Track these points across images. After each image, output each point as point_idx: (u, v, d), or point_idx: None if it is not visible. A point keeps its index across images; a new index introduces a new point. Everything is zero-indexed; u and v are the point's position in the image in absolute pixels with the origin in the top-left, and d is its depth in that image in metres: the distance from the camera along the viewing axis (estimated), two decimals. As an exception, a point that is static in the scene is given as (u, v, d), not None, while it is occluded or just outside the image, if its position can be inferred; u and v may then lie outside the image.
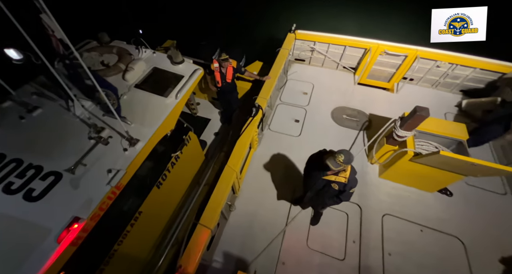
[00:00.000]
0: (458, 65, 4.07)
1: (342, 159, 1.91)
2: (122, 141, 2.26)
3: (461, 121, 3.71)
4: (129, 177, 2.13)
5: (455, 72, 4.20)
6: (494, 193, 3.21)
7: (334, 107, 4.35)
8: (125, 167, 2.09)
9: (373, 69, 4.61)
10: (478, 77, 4.14)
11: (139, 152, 2.21)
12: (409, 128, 3.00)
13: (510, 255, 2.71)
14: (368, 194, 3.24)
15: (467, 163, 2.52)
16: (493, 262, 2.68)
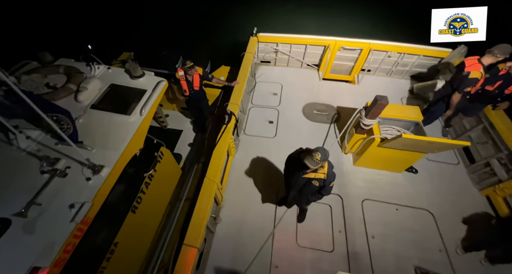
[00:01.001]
0: (405, 54, 4.51)
1: (319, 156, 1.96)
2: (84, 170, 2.04)
3: (415, 104, 4.12)
4: (97, 208, 1.93)
5: (403, 61, 4.65)
6: (449, 164, 3.62)
7: (304, 104, 4.50)
8: (90, 198, 1.89)
9: (334, 64, 4.89)
10: (422, 63, 4.64)
11: (106, 179, 2.02)
12: (373, 116, 3.22)
13: (469, 215, 3.08)
14: (346, 183, 3.40)
15: (425, 142, 2.79)
16: (457, 224, 3.02)
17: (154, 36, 7.93)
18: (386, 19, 8.76)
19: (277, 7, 9.49)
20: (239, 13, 8.99)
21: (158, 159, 2.87)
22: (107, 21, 8.69)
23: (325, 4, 9.65)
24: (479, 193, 3.29)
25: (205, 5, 9.59)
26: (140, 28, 8.43)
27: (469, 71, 3.01)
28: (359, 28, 7.98)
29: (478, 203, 3.20)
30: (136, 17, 9.00)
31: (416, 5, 9.23)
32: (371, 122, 3.25)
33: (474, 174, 3.45)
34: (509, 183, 2.96)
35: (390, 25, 8.33)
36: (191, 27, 8.44)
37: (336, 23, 8.71)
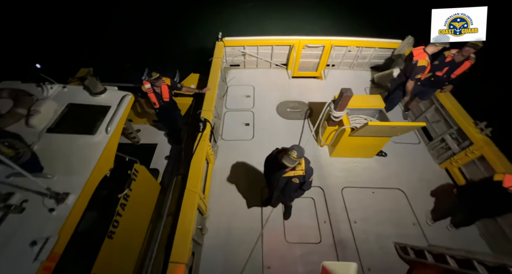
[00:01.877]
0: (363, 47, 4.86)
1: (295, 154, 2.00)
2: (45, 201, 1.86)
3: (376, 93, 4.45)
4: (65, 241, 1.77)
5: (362, 54, 5.00)
6: (412, 144, 3.98)
7: (277, 103, 4.61)
8: (56, 232, 1.73)
9: (301, 62, 5.08)
10: (379, 54, 5.03)
11: (72, 207, 1.86)
12: (341, 108, 3.41)
13: (434, 188, 3.42)
14: (325, 175, 3.56)
15: (389, 126, 3.04)
16: (425, 198, 3.33)
17: (115, 49, 7.52)
18: (345, 16, 9.34)
19: (240, 11, 9.58)
20: (203, 20, 8.92)
21: (132, 177, 2.73)
22: (58, 36, 8.02)
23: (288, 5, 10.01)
24: (439, 167, 3.67)
25: (166, 13, 9.36)
26: (99, 41, 7.93)
27: (417, 60, 3.38)
28: (321, 26, 8.43)
29: (439, 176, 3.57)
30: (92, 30, 8.43)
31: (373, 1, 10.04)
32: (340, 114, 3.44)
33: (433, 150, 3.84)
34: (461, 154, 3.34)
35: (349, 21, 8.92)
36: (155, 38, 8.14)
37: (299, 23, 9.08)
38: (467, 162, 3.28)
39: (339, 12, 9.58)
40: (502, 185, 2.25)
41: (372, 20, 8.59)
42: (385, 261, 2.75)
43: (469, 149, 3.23)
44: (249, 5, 9.70)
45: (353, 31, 5.29)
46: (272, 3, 9.94)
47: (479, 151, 3.11)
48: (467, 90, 3.88)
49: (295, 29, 7.07)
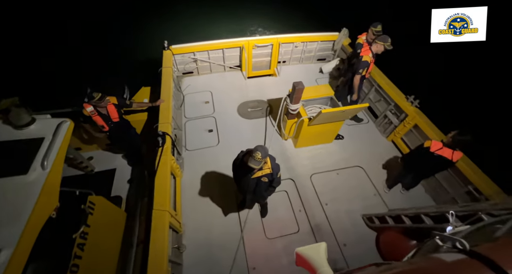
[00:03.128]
0: (307, 42, 5.21)
1: (260, 155, 2.03)
2: (-29, 263, 1.54)
3: (326, 82, 4.82)
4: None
5: (308, 48, 5.36)
6: (362, 123, 4.43)
7: (237, 105, 4.64)
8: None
9: (254, 62, 5.20)
10: (322, 47, 5.45)
11: (8, 263, 1.58)
12: (296, 101, 3.60)
13: (385, 160, 3.87)
14: (294, 166, 3.72)
15: (339, 111, 3.32)
16: (380, 170, 3.75)
17: (47, 71, 6.60)
18: (289, 14, 9.84)
19: (183, 18, 9.30)
20: (146, 31, 8.42)
21: (87, 211, 2.44)
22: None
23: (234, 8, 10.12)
24: (386, 140, 4.18)
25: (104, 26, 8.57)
26: (25, 63, 6.85)
27: (362, 55, 3.65)
28: (269, 25, 8.76)
29: (388, 148, 4.05)
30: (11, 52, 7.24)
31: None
32: (296, 107, 3.63)
33: (380, 126, 4.34)
34: (401, 126, 3.86)
35: (292, 18, 9.42)
36: (95, 54, 7.39)
37: (246, 24, 9.25)
38: (406, 131, 3.80)
39: (283, 11, 10.06)
40: (429, 150, 2.67)
41: (312, 16, 9.24)
42: (357, 234, 3.02)
43: (405, 120, 3.75)
44: (190, 12, 9.48)
45: (297, 28, 5.64)
46: (216, 8, 9.93)
47: (413, 121, 3.63)
48: (395, 68, 4.46)
49: (243, 31, 7.21)
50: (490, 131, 4.81)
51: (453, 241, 0.69)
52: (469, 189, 2.88)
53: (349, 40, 5.14)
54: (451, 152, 2.59)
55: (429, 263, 0.66)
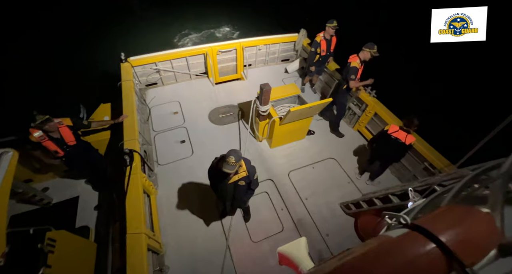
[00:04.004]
0: (270, 44, 5.37)
1: (234, 159, 2.01)
2: None
3: (292, 81, 5.00)
4: None
5: (271, 50, 5.52)
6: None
7: (208, 112, 4.57)
8: None
9: (220, 68, 5.18)
10: (285, 48, 5.66)
11: None
12: (265, 102, 3.66)
13: (354, 148, 4.14)
14: (271, 166, 3.78)
15: (307, 108, 3.46)
16: (351, 158, 3.99)
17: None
18: (250, 18, 10.06)
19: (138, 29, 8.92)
20: (100, 44, 7.88)
21: (46, 250, 2.16)
22: None
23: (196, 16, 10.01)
24: (353, 130, 4.48)
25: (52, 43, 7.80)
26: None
27: (350, 62, 3.68)
28: (231, 31, 8.84)
29: (355, 137, 4.35)
30: None
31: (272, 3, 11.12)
32: (266, 108, 3.70)
33: (346, 118, 4.64)
34: (363, 116, 4.18)
35: (254, 22, 9.66)
36: (43, 73, 6.66)
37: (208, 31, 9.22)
38: (368, 120, 4.13)
39: (245, 15, 10.25)
40: (387, 132, 2.94)
41: (272, 19, 9.57)
42: (338, 223, 3.16)
43: (366, 110, 4.07)
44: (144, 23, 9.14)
45: (260, 31, 5.78)
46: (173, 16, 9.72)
47: (373, 110, 3.96)
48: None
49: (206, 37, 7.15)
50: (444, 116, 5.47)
51: (397, 217, 0.76)
52: (425, 165, 3.22)
53: (308, 40, 5.42)
54: (405, 135, 2.88)
55: (378, 242, 0.72)
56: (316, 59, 4.40)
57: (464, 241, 0.57)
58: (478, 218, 0.64)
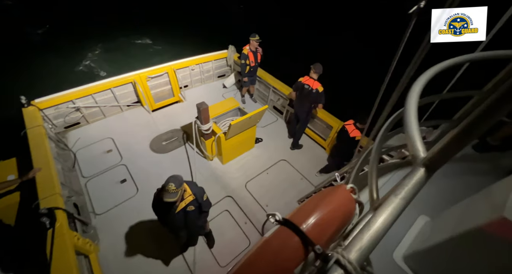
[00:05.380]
0: (202, 63, 5.43)
1: (174, 185, 1.89)
2: None
3: (231, 96, 5.13)
4: None
5: (205, 68, 5.59)
6: (273, 122, 4.97)
7: (149, 142, 4.23)
8: None
9: (154, 94, 4.93)
10: (218, 65, 5.82)
11: None
12: (206, 121, 3.62)
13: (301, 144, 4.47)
14: (227, 182, 3.71)
15: (247, 118, 3.57)
16: (299, 156, 4.27)
17: None
18: (176, 40, 9.99)
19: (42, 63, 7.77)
20: None
21: None
22: None
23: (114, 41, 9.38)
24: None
25: None
26: None
27: (316, 88, 3.67)
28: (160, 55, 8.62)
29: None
30: None
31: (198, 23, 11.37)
32: (208, 126, 3.65)
33: (287, 120, 5.00)
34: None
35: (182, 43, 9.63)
36: None
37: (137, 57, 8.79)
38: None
39: (170, 38, 10.14)
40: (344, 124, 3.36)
41: (200, 38, 9.77)
42: (300, 219, 3.28)
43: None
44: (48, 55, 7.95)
45: (188, 52, 5.78)
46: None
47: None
48: (279, 67, 5.33)
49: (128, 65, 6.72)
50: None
51: (273, 215, 0.80)
52: (359, 149, 3.70)
53: (238, 54, 5.73)
54: (353, 129, 3.30)
55: (258, 245, 0.75)
56: (247, 70, 4.68)
57: (317, 224, 0.65)
58: (333, 197, 0.74)
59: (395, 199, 0.58)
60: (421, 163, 0.62)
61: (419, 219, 1.64)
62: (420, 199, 1.79)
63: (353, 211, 0.79)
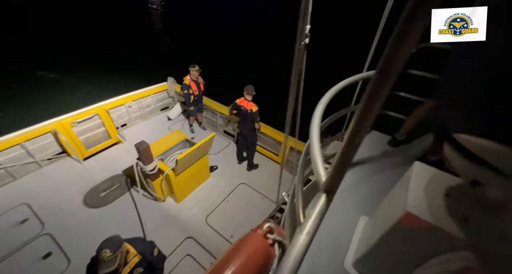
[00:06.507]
0: (139, 99, 5.13)
1: (109, 251, 1.61)
2: None
3: (178, 128, 4.94)
4: None
5: (144, 103, 5.29)
6: (226, 148, 4.94)
7: (82, 197, 3.57)
8: None
9: (84, 139, 4.32)
10: (159, 98, 5.60)
11: None
12: (149, 161, 3.31)
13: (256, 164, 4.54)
14: (186, 222, 3.38)
15: (195, 149, 3.44)
16: (257, 175, 4.32)
17: None
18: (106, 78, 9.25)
19: None
20: None
21: None
22: None
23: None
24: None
25: None
26: None
27: (251, 108, 3.77)
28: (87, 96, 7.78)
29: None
30: None
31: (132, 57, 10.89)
32: (152, 166, 3.34)
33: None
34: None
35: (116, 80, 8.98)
36: None
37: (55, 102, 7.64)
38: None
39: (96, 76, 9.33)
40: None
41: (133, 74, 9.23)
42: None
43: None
44: None
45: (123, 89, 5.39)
46: None
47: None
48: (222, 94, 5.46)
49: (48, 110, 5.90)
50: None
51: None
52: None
53: (179, 85, 5.66)
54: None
55: None
56: (192, 99, 4.66)
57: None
58: (246, 247, 0.75)
59: (301, 236, 0.57)
60: (322, 189, 0.64)
61: (360, 221, 1.79)
62: (358, 200, 1.99)
63: (272, 254, 0.79)
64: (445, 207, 1.00)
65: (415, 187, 1.08)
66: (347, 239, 1.66)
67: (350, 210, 1.86)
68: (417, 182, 1.11)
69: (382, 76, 0.35)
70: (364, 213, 1.82)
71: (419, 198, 1.03)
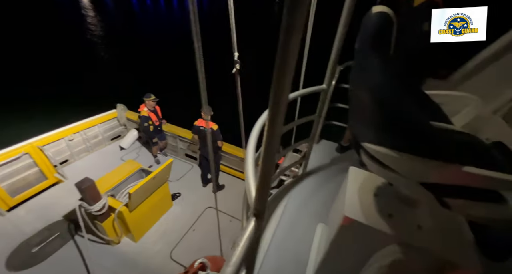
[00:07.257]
0: (84, 130, 4.60)
1: None
2: None
3: (131, 158, 4.54)
4: None
5: (90, 134, 4.74)
6: (188, 172, 4.70)
7: (5, 260, 2.86)
8: None
9: (8, 186, 3.56)
10: (109, 127, 5.10)
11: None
12: (96, 199, 2.92)
13: (222, 184, 4.41)
14: (147, 261, 3.01)
15: (151, 179, 3.17)
16: (225, 196, 4.18)
17: None
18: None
19: None
20: None
21: None
22: None
23: None
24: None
25: None
26: None
27: (211, 127, 3.67)
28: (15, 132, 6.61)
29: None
30: None
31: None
32: (101, 204, 2.94)
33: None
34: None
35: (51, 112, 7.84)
36: None
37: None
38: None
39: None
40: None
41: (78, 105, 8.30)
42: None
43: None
44: None
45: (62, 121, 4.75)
46: None
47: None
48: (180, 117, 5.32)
49: None
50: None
51: None
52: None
53: (130, 112, 5.30)
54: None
55: None
56: (153, 129, 4.42)
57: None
58: None
59: (228, 268, 0.53)
60: (252, 213, 0.61)
61: (318, 229, 1.82)
62: (315, 209, 2.06)
63: None
64: (374, 206, 1.11)
65: (350, 190, 1.18)
66: (308, 251, 1.67)
67: (308, 221, 1.90)
68: (352, 185, 1.21)
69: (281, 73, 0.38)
70: (321, 220, 1.87)
71: (353, 201, 1.12)
